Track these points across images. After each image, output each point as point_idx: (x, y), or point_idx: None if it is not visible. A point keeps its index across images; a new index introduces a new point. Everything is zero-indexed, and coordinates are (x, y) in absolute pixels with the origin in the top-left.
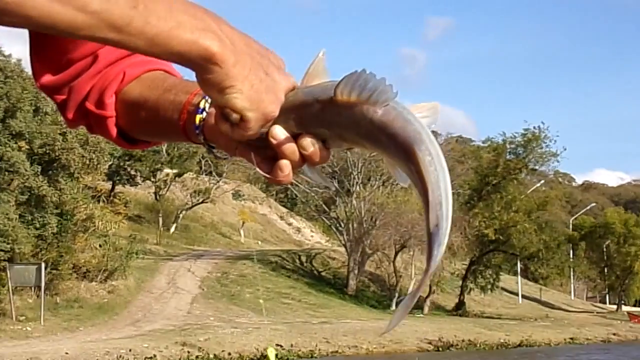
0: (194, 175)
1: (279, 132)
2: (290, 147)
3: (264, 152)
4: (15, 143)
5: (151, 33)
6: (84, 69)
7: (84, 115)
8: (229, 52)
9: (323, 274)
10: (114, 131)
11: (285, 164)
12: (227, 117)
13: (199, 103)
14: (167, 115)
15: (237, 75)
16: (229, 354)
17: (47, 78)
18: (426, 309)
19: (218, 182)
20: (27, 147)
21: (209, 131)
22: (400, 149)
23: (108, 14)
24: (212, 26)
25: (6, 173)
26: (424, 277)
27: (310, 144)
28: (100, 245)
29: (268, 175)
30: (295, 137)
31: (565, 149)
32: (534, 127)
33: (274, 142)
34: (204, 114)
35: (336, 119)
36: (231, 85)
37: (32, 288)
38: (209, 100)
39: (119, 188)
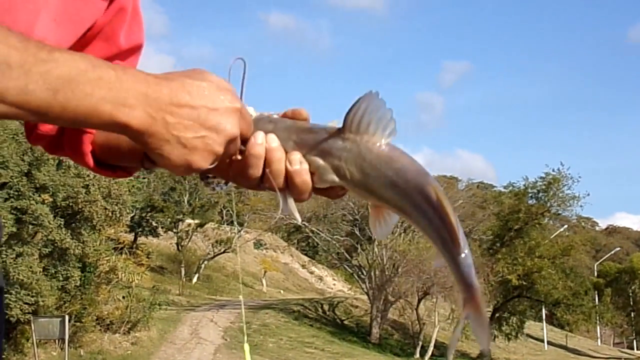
0: (216, 226)
1: (273, 139)
2: (279, 155)
3: None
4: (39, 196)
5: (68, 116)
6: None
7: (59, 132)
8: (147, 124)
9: (346, 322)
10: (88, 148)
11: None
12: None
13: None
14: None
15: (158, 141)
16: None
17: None
18: (450, 357)
19: (239, 231)
20: (50, 199)
21: None
22: (411, 182)
23: (26, 104)
24: (129, 101)
25: (30, 226)
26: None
27: (297, 161)
28: (123, 297)
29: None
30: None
31: (588, 194)
32: (554, 170)
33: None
34: None
35: (338, 150)
36: (155, 148)
37: (56, 341)
38: None
39: (141, 239)
